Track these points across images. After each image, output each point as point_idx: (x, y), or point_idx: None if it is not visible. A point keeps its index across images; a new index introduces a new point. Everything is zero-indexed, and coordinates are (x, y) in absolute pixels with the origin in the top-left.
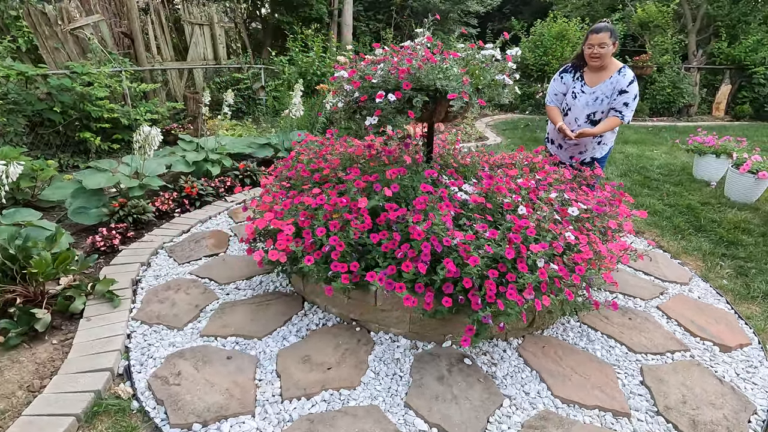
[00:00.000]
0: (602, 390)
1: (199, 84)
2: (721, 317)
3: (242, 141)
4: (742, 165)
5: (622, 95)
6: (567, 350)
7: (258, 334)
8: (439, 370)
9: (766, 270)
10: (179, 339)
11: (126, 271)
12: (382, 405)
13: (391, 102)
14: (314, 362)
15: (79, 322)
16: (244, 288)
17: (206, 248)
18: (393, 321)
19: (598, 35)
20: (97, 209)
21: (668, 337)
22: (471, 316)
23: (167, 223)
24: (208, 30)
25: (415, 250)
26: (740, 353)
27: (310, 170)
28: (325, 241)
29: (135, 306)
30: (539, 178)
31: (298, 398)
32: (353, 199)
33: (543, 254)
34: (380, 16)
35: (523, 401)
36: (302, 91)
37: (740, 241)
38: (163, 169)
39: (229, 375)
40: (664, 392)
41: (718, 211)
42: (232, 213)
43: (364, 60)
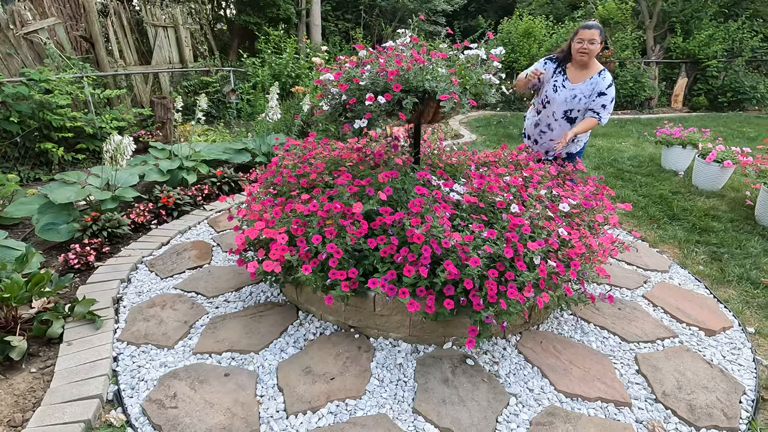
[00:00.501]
0: (602, 381)
1: (166, 89)
2: (703, 302)
3: (217, 147)
4: (708, 155)
5: (601, 97)
6: (564, 344)
7: (254, 348)
8: (444, 373)
9: (737, 254)
10: (171, 358)
11: (105, 290)
12: (390, 413)
13: (382, 104)
14: (316, 373)
15: (58, 347)
16: (234, 300)
17: (189, 260)
18: (393, 326)
19: (590, 31)
20: (67, 225)
21: (657, 324)
22: (473, 317)
23: (144, 235)
24: (172, 32)
25: (414, 254)
26: (724, 336)
27: (296, 175)
28: (321, 248)
29: (119, 326)
30: (526, 175)
31: (303, 412)
32: (347, 204)
33: (540, 251)
34: (349, 16)
35: (528, 398)
36: (278, 93)
37: (711, 227)
38: (136, 179)
39: (229, 393)
40: (660, 379)
41: (688, 199)
42: (212, 222)
43: (349, 62)
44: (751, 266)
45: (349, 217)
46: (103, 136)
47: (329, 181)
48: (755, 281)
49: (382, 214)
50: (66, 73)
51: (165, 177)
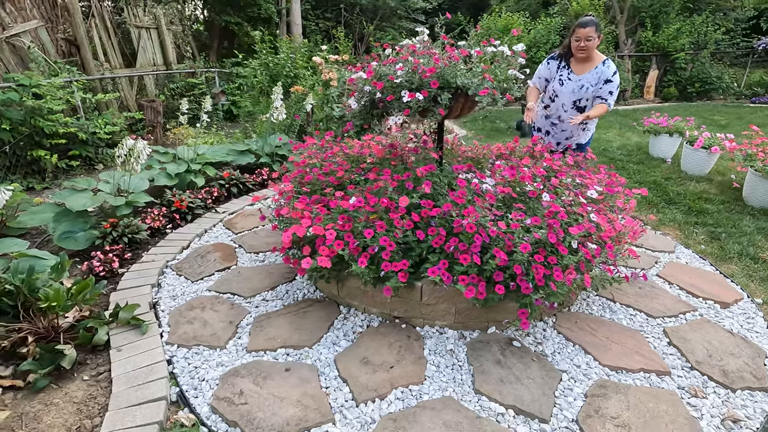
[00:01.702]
0: (640, 354)
1: (151, 91)
2: (712, 278)
3: (220, 149)
4: (696, 142)
5: (608, 84)
6: (597, 322)
7: (307, 343)
8: (495, 355)
9: (733, 233)
10: (226, 358)
11: (139, 295)
12: (455, 395)
13: (421, 101)
14: (374, 363)
15: (105, 354)
16: (272, 299)
17: (215, 263)
18: (439, 314)
19: (585, 29)
20: (84, 232)
21: (676, 300)
22: (521, 300)
23: (162, 240)
24: (155, 34)
25: (465, 243)
26: (737, 307)
27: (324, 173)
28: (371, 242)
29: (164, 330)
30: (546, 165)
31: (372, 400)
32: (392, 199)
33: (579, 236)
34: (329, 15)
35: (577, 373)
36: (277, 93)
37: (705, 209)
38: (147, 184)
39: (295, 387)
40: (691, 349)
41: (680, 184)
42: (228, 224)
43: (383, 62)
44: (748, 243)
45: (395, 211)
46: (94, 142)
47: (355, 178)
48: (754, 257)
49: (423, 207)
50: (57, 78)
51: (173, 181)
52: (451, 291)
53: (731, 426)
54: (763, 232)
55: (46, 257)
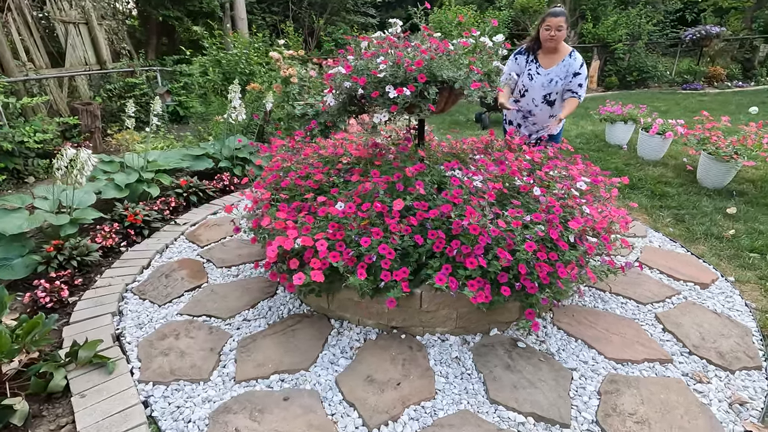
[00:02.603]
0: (640, 344)
1: (85, 93)
2: (686, 260)
3: (173, 154)
4: (651, 128)
5: (576, 77)
6: (593, 314)
7: (302, 366)
8: (502, 359)
9: (695, 214)
10: (212, 392)
11: (97, 327)
12: (470, 407)
13: (407, 96)
14: (380, 381)
15: (65, 402)
16: (254, 318)
17: (183, 281)
18: (439, 321)
19: (557, 18)
20: (22, 258)
21: (660, 285)
22: (526, 300)
23: (117, 260)
24: (86, 30)
25: (468, 246)
26: (715, 287)
27: (301, 177)
28: (366, 251)
29: (134, 366)
30: (528, 158)
31: (385, 424)
32: (384, 203)
33: (579, 230)
34: (276, 9)
35: (586, 370)
36: (235, 92)
37: (667, 193)
38: (93, 198)
39: (297, 418)
40: (686, 334)
41: (639, 169)
42: (191, 237)
43: (363, 54)
44: (711, 223)
45: (389, 215)
46: (22, 152)
47: (334, 180)
48: (719, 236)
49: (417, 209)
50: None
51: (124, 192)
52: (451, 296)
53: (739, 409)
54: (720, 211)
55: None
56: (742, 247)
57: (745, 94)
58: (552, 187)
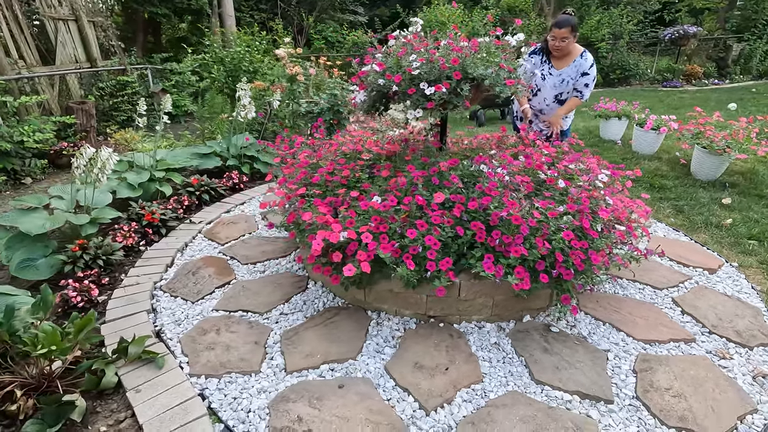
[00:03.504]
0: (664, 325)
1: (76, 92)
2: (691, 248)
3: (181, 153)
4: (645, 124)
5: (584, 77)
6: (615, 300)
7: (349, 355)
8: (540, 344)
9: (694, 205)
10: (266, 383)
11: (134, 325)
12: (518, 388)
13: (444, 93)
14: (428, 367)
15: (119, 397)
16: (291, 312)
17: (211, 279)
18: (475, 309)
19: (561, 30)
20: (46, 258)
21: (672, 271)
22: (561, 286)
23: (140, 259)
24: (75, 26)
25: (509, 236)
26: (722, 272)
27: (329, 173)
28: (411, 242)
29: (181, 360)
30: (545, 152)
31: (441, 406)
32: (423, 196)
33: (607, 220)
34: (264, 6)
35: (619, 351)
36: (245, 90)
37: (664, 185)
38: (109, 197)
39: (356, 404)
40: (704, 315)
41: (635, 163)
42: (209, 235)
43: (398, 52)
44: (709, 213)
45: (429, 208)
46: (19, 152)
47: (361, 176)
48: (718, 225)
49: (454, 202)
50: None
51: (137, 192)
52: (489, 284)
53: (762, 381)
54: (716, 202)
55: (14, 293)
56: (740, 234)
57: (722, 91)
58: (576, 180)
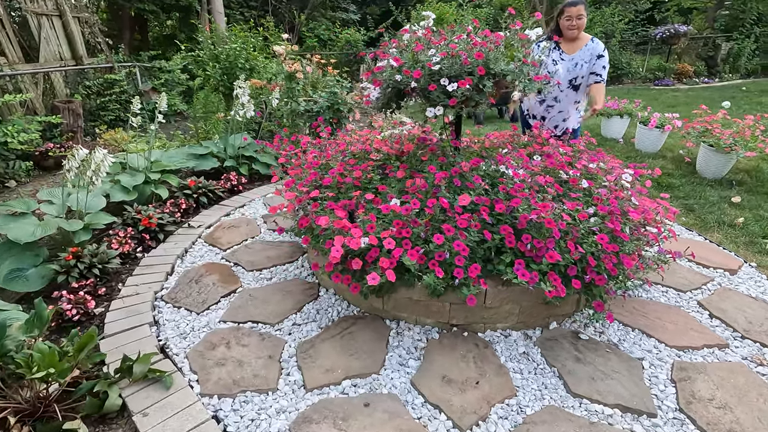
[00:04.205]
0: (694, 330)
1: (61, 91)
2: (708, 248)
3: (176, 153)
4: (649, 122)
5: (600, 59)
6: (640, 304)
7: (372, 369)
8: (570, 353)
9: (704, 204)
10: (284, 402)
11: (136, 339)
12: (556, 402)
13: (467, 89)
14: (457, 381)
15: (123, 421)
16: (304, 322)
17: (216, 287)
18: (501, 317)
19: (576, 7)
20: (37, 268)
21: (693, 272)
22: (591, 291)
23: (137, 267)
24: (59, 22)
25: (541, 240)
26: (743, 273)
27: (340, 174)
28: (436, 248)
29: (190, 378)
30: (563, 151)
31: (476, 424)
32: (446, 198)
33: (638, 221)
34: (254, 3)
35: (653, 359)
36: (243, 88)
37: (672, 184)
38: (103, 201)
39: (385, 424)
40: (733, 319)
41: (640, 162)
42: (210, 239)
43: (414, 47)
44: (719, 212)
45: (452, 211)
46: (2, 154)
47: (373, 177)
48: (731, 224)
49: (478, 204)
50: None
51: (132, 195)
52: (517, 291)
53: None
54: (725, 200)
55: (4, 307)
56: (754, 234)
57: (713, 89)
58: (599, 180)
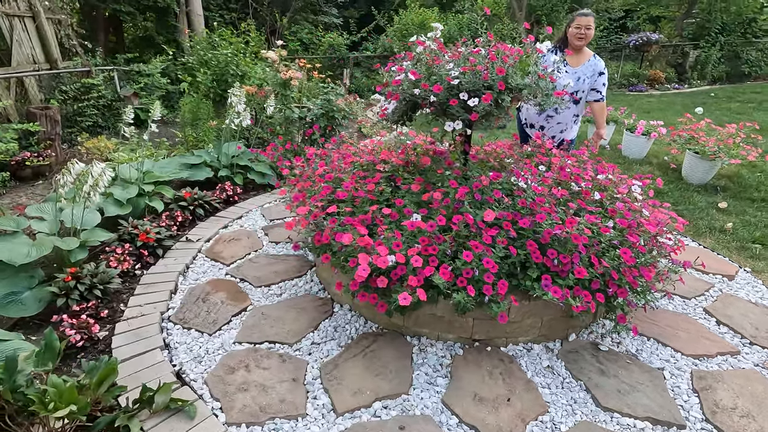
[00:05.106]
0: (705, 337)
1: (35, 96)
2: (704, 253)
3: (169, 163)
4: (636, 130)
5: (602, 76)
6: (651, 312)
7: (401, 389)
8: (593, 365)
9: (693, 209)
10: (316, 428)
11: (149, 366)
12: (587, 417)
13: (487, 105)
14: (488, 399)
15: None
16: (322, 340)
17: (225, 305)
18: (523, 330)
19: (587, 18)
20: (32, 291)
21: (694, 279)
22: (610, 303)
23: (138, 285)
24: (32, 24)
25: (567, 255)
26: (740, 278)
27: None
28: (464, 266)
29: (213, 407)
30: (570, 162)
31: None
32: (471, 213)
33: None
34: (234, 5)
35: (672, 369)
36: (238, 96)
37: (660, 190)
38: (98, 216)
39: None
40: (739, 325)
41: (628, 168)
42: (211, 254)
43: (436, 60)
44: (709, 218)
45: (477, 227)
46: None
47: (385, 189)
48: (721, 229)
49: (501, 219)
50: None
51: (126, 208)
52: (540, 305)
53: None
54: (713, 206)
55: (5, 337)
56: (744, 239)
57: (684, 95)
58: (610, 191)
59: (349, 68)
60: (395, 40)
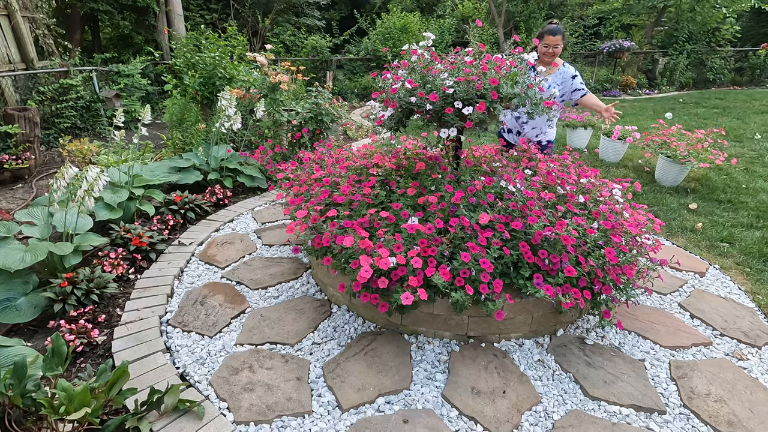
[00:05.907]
0: (683, 331)
1: (11, 97)
2: (677, 252)
3: (158, 167)
4: (612, 134)
5: (575, 78)
6: (631, 307)
7: (402, 385)
8: (581, 358)
9: (666, 210)
10: (322, 424)
11: (152, 369)
12: (577, 406)
13: (481, 113)
14: (485, 392)
15: None
16: (322, 340)
17: (223, 308)
18: (515, 326)
19: (554, 37)
20: (27, 297)
21: (669, 275)
22: (595, 299)
23: (134, 290)
24: (7, 23)
25: (557, 255)
26: (710, 274)
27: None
28: (461, 266)
29: (220, 406)
30: (552, 165)
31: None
32: (465, 216)
33: (634, 234)
34: (215, 6)
35: (651, 360)
36: (228, 99)
37: (636, 192)
38: (90, 221)
39: None
40: (711, 318)
41: (606, 172)
42: (205, 257)
43: (431, 69)
44: (680, 218)
45: (472, 229)
46: None
47: (380, 193)
48: (692, 229)
49: (496, 222)
50: None
51: (117, 213)
52: (531, 302)
53: None
54: (684, 207)
55: (6, 342)
56: (713, 238)
57: (655, 100)
58: (593, 194)
59: (332, 71)
60: (377, 44)
